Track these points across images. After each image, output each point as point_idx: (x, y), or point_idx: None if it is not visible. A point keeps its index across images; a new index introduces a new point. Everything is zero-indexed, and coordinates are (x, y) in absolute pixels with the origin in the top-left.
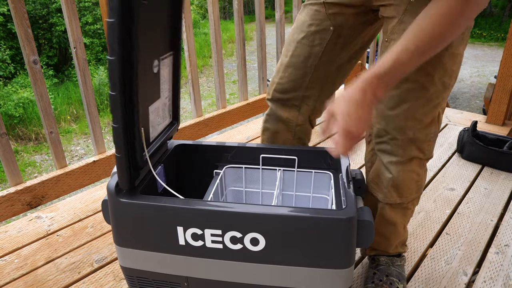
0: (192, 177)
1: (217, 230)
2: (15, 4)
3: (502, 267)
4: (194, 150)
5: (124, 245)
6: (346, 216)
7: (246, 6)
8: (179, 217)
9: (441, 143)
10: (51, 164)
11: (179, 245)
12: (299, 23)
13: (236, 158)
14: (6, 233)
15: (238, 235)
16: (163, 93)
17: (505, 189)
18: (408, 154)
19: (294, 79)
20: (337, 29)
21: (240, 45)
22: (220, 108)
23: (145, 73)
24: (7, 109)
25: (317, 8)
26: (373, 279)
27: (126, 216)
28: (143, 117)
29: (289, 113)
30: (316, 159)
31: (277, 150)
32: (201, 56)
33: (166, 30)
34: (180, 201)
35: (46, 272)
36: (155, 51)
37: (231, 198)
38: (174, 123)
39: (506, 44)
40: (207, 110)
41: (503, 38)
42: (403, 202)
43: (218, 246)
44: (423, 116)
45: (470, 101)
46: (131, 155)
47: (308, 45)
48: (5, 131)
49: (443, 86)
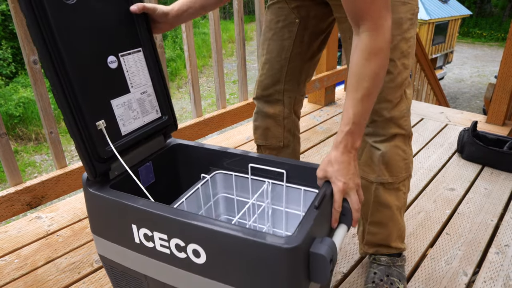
0: (187, 177)
1: (163, 234)
2: (15, 4)
3: (502, 267)
4: (189, 151)
5: (96, 233)
6: (287, 246)
7: (246, 6)
8: (132, 216)
9: (441, 143)
10: (51, 164)
11: (135, 242)
12: (267, 22)
13: (229, 164)
14: (6, 233)
15: (181, 243)
16: (135, 88)
17: (505, 189)
18: (389, 131)
19: (272, 74)
20: (302, 21)
21: (240, 45)
22: (220, 108)
23: (91, 68)
24: (7, 108)
25: (280, 5)
26: (373, 279)
27: (94, 206)
28: (103, 111)
29: (274, 109)
30: (305, 175)
31: (267, 161)
32: (201, 56)
33: (126, 27)
34: (136, 201)
35: (46, 272)
36: (107, 47)
37: (223, 204)
38: (163, 118)
39: (506, 44)
40: (207, 110)
41: (503, 38)
42: (394, 182)
43: (166, 251)
44: (392, 97)
45: (470, 101)
46: (90, 147)
47: (278, 40)
48: (5, 131)
49: (404, 67)
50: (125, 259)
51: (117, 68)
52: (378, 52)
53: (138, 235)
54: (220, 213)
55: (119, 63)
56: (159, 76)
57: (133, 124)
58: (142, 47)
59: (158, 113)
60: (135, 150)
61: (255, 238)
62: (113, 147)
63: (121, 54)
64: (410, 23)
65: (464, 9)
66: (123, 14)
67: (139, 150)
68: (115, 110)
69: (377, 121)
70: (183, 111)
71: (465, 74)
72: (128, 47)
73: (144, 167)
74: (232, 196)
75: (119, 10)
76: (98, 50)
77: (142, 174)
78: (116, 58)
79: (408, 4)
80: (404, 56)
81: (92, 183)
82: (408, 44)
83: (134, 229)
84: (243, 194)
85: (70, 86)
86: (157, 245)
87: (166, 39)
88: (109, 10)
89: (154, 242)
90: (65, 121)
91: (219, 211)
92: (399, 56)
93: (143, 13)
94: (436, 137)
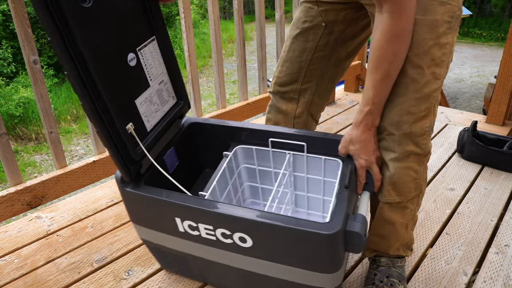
0: (208, 152)
1: (208, 225)
2: (15, 4)
3: (502, 267)
4: (207, 128)
5: (137, 222)
6: (329, 232)
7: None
8: (176, 211)
9: (441, 143)
10: (51, 164)
11: (179, 231)
12: (295, 20)
13: (248, 138)
14: (6, 233)
15: (227, 232)
16: (153, 80)
17: (505, 189)
18: (404, 149)
19: (291, 72)
20: (329, 25)
21: (240, 45)
22: (220, 108)
23: (115, 71)
24: (8, 108)
25: (310, 5)
26: (373, 280)
27: (133, 202)
28: (129, 112)
29: (287, 106)
30: (325, 145)
31: (287, 134)
32: (201, 56)
33: (139, 19)
34: (177, 197)
35: (46, 272)
36: (126, 46)
37: (245, 175)
38: (179, 103)
39: (506, 44)
40: (207, 110)
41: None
42: (402, 201)
43: (212, 238)
44: (416, 110)
45: (470, 101)
46: (123, 152)
47: (302, 40)
48: (5, 131)
49: (434, 76)
50: (170, 243)
51: (136, 65)
52: (399, 34)
53: (183, 226)
54: (243, 181)
55: (138, 59)
56: (173, 62)
57: (156, 117)
58: (155, 35)
59: (174, 99)
60: (159, 141)
61: (298, 226)
62: (143, 147)
63: (139, 49)
64: (447, 26)
65: (464, 9)
66: (136, 4)
67: (163, 139)
68: (140, 108)
69: (394, 134)
70: None
71: (465, 74)
72: (144, 39)
73: (168, 154)
74: (253, 167)
75: (133, 2)
76: (118, 50)
77: (168, 161)
78: (134, 55)
79: (447, 5)
80: (435, 64)
81: (127, 183)
82: (442, 51)
83: (178, 221)
84: (264, 164)
85: (98, 95)
86: (202, 233)
87: None
88: (124, 4)
89: (199, 231)
90: (96, 129)
91: (242, 180)
92: (429, 63)
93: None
94: (436, 137)
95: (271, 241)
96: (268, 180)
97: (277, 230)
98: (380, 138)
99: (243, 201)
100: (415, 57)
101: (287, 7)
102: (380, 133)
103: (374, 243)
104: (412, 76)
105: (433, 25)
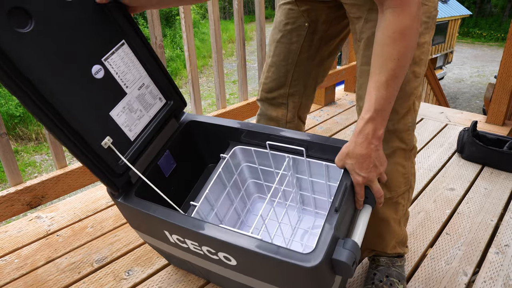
0: (207, 151)
1: (194, 242)
2: None
3: (502, 267)
4: (205, 127)
5: (134, 227)
6: (310, 265)
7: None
8: (164, 225)
9: (441, 143)
10: (51, 164)
11: (171, 241)
12: (276, 23)
13: (247, 137)
14: (6, 233)
15: (212, 250)
16: (130, 87)
17: (505, 189)
18: (390, 145)
19: (277, 77)
20: (312, 25)
21: (240, 45)
22: (220, 108)
23: (77, 89)
24: (8, 108)
25: (291, 6)
26: (373, 280)
27: (125, 212)
28: (105, 126)
29: (277, 112)
30: (325, 150)
31: (285, 138)
32: (201, 56)
33: (100, 27)
34: (163, 212)
35: (46, 272)
36: (87, 59)
37: (248, 172)
38: (168, 103)
39: (506, 44)
40: (207, 110)
41: (503, 38)
42: (393, 197)
43: (200, 252)
44: (399, 107)
45: (470, 101)
46: (104, 168)
47: (286, 43)
48: (5, 131)
49: (414, 75)
50: (166, 248)
51: (105, 76)
52: (404, 31)
53: (172, 238)
54: (246, 177)
55: (105, 69)
56: (152, 61)
57: (140, 124)
58: (124, 38)
59: (162, 101)
60: (150, 146)
61: (277, 256)
62: (125, 160)
63: (104, 58)
64: (424, 26)
65: (464, 9)
66: (92, 12)
67: (154, 144)
68: (117, 120)
69: None
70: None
71: (465, 74)
72: (109, 45)
73: (163, 158)
74: (255, 166)
75: (86, 11)
76: (78, 66)
77: (163, 165)
78: (100, 66)
79: (424, 6)
80: (415, 63)
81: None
82: (420, 50)
83: (167, 233)
84: (265, 163)
85: (61, 118)
86: (190, 247)
87: (165, 39)
88: (74, 16)
89: (187, 245)
90: (70, 152)
91: (245, 176)
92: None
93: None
94: (436, 137)
95: (254, 264)
96: (271, 178)
97: (257, 256)
98: None
99: (249, 196)
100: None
101: None
102: None
103: (371, 243)
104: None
105: None
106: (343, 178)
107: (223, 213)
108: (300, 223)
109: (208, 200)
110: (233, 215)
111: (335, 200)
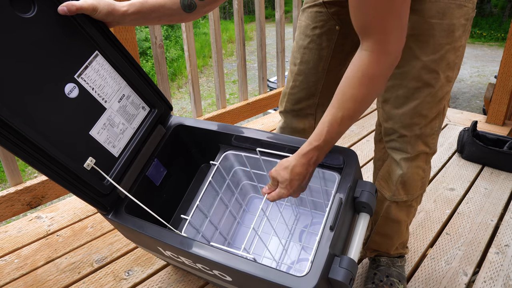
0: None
1: (188, 259)
2: None
3: (502, 267)
4: (193, 130)
5: (129, 239)
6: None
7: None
8: (156, 242)
9: (441, 143)
10: None
11: (166, 255)
12: (302, 28)
13: (237, 141)
14: (6, 233)
15: (206, 267)
16: (110, 101)
17: (505, 189)
18: (416, 149)
19: (307, 87)
20: (343, 28)
21: (240, 45)
22: (220, 108)
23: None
24: None
25: (318, 9)
26: (373, 280)
27: (117, 227)
28: (85, 147)
29: (304, 123)
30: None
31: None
32: (201, 56)
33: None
34: (154, 231)
35: (46, 272)
36: (57, 79)
37: (241, 175)
38: (153, 111)
39: (506, 44)
40: (207, 110)
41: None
42: (408, 200)
43: (194, 266)
44: (429, 112)
45: (470, 101)
46: (88, 190)
47: (316, 49)
48: None
49: (447, 80)
50: (163, 258)
51: (80, 94)
52: (374, 78)
53: (166, 253)
54: (241, 179)
55: (79, 86)
56: (131, 70)
57: (123, 138)
58: (98, 50)
59: (145, 109)
60: (136, 158)
61: (270, 279)
62: (110, 179)
63: (77, 74)
64: (462, 29)
65: None
66: (56, 26)
67: (141, 155)
68: (98, 138)
69: (406, 136)
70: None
71: (465, 74)
72: (81, 60)
73: (152, 167)
74: (247, 169)
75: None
76: (48, 89)
77: (153, 174)
78: (73, 84)
79: (464, 8)
80: (450, 68)
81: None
82: (456, 54)
83: (160, 249)
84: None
85: (34, 147)
86: (185, 262)
87: (169, 39)
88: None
89: (182, 260)
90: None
91: (239, 178)
92: (444, 68)
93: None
94: None
95: (249, 281)
96: (266, 179)
97: (250, 277)
98: (390, 140)
99: (244, 195)
100: (431, 63)
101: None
102: (390, 134)
103: (376, 243)
104: (427, 81)
105: (450, 30)
106: (337, 195)
107: (218, 218)
108: (297, 222)
109: (201, 210)
110: (229, 217)
111: (329, 217)
